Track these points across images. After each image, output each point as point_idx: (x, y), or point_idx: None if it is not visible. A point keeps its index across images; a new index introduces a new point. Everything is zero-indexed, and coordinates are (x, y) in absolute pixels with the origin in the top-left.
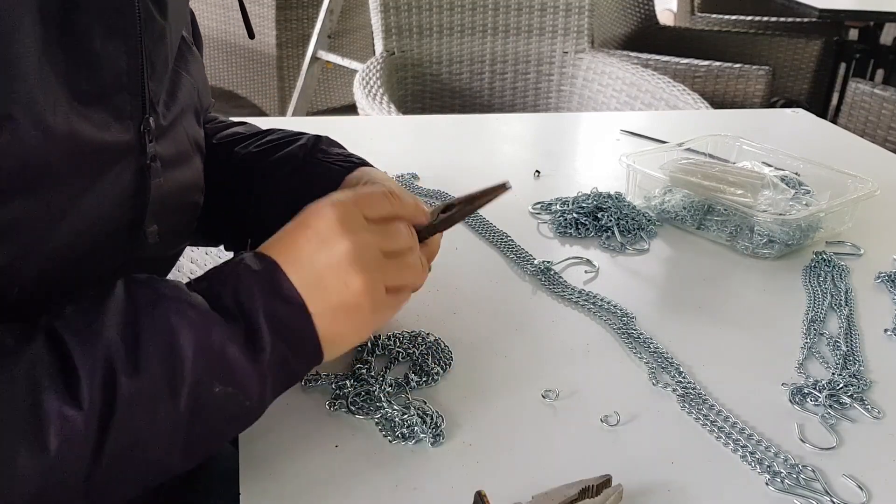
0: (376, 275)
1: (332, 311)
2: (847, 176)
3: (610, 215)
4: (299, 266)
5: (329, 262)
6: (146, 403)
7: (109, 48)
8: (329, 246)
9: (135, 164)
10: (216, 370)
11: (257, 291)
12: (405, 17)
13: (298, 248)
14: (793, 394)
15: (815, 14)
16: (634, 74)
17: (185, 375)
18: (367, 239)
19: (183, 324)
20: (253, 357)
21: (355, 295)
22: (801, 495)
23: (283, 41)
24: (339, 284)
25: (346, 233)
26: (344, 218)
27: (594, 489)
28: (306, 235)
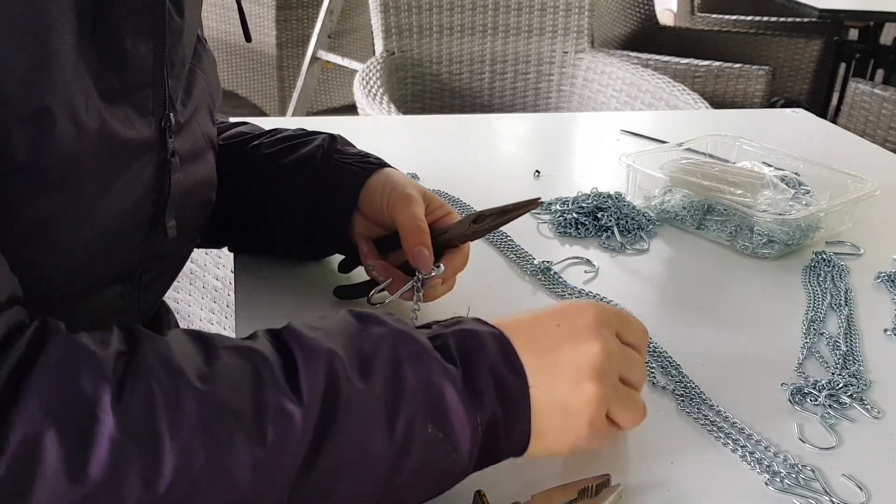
0: (609, 392)
1: (551, 403)
2: (847, 176)
3: (610, 215)
4: (538, 346)
5: (572, 358)
6: (365, 418)
7: (140, 46)
8: (580, 342)
9: (156, 159)
10: (432, 409)
11: (488, 347)
12: (405, 17)
13: (544, 330)
14: (792, 393)
15: (815, 14)
16: (634, 74)
17: (405, 403)
18: (615, 355)
19: (407, 353)
20: (470, 407)
21: (582, 401)
22: (800, 495)
23: (283, 41)
24: (571, 382)
25: (601, 338)
26: (603, 324)
27: (593, 489)
28: (558, 323)
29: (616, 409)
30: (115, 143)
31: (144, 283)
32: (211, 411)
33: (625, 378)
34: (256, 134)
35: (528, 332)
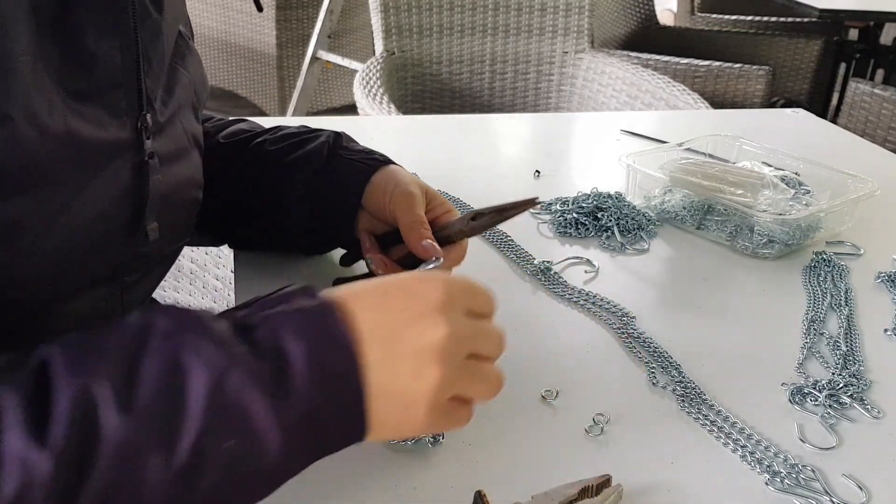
0: (453, 376)
1: (388, 392)
2: (847, 176)
3: (610, 215)
4: (380, 332)
5: (414, 344)
6: (134, 451)
7: (104, 46)
8: (423, 326)
9: (132, 160)
10: (229, 421)
11: (302, 326)
12: (405, 17)
13: (387, 313)
14: (792, 393)
15: (815, 14)
16: (634, 74)
17: (188, 424)
18: (462, 335)
19: (196, 362)
20: (276, 405)
21: (422, 389)
22: (800, 495)
23: (283, 41)
24: (412, 371)
25: (446, 321)
26: (450, 302)
27: (594, 489)
28: (402, 306)
29: (465, 387)
30: (84, 145)
31: (129, 284)
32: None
33: (476, 353)
34: (259, 131)
35: (372, 316)
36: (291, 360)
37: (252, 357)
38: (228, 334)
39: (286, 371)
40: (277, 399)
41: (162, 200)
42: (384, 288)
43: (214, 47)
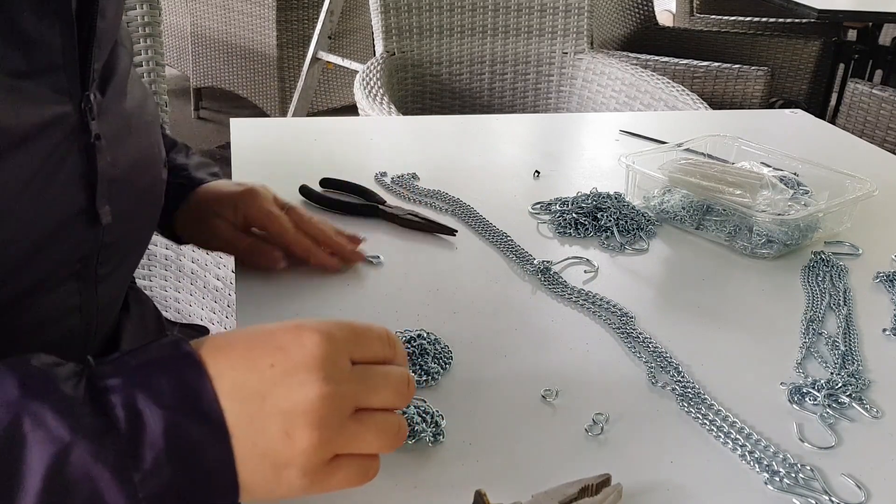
0: (331, 436)
1: (255, 455)
2: (845, 176)
3: (609, 215)
4: (244, 391)
5: (281, 406)
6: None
7: (41, 28)
8: (293, 386)
9: (79, 142)
10: (73, 496)
11: (165, 395)
12: (405, 17)
13: (255, 371)
14: (791, 393)
15: (814, 15)
16: (634, 75)
17: (26, 499)
18: (342, 391)
19: (37, 436)
20: (126, 481)
21: (293, 452)
22: (800, 494)
23: (283, 42)
24: (279, 433)
25: (319, 380)
26: (328, 357)
27: (594, 488)
28: (272, 362)
29: (351, 445)
30: (24, 128)
31: (100, 276)
32: None
33: (365, 405)
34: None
35: (237, 373)
36: (147, 431)
37: (101, 428)
38: (79, 401)
39: (140, 442)
40: (128, 474)
41: (115, 183)
42: (253, 341)
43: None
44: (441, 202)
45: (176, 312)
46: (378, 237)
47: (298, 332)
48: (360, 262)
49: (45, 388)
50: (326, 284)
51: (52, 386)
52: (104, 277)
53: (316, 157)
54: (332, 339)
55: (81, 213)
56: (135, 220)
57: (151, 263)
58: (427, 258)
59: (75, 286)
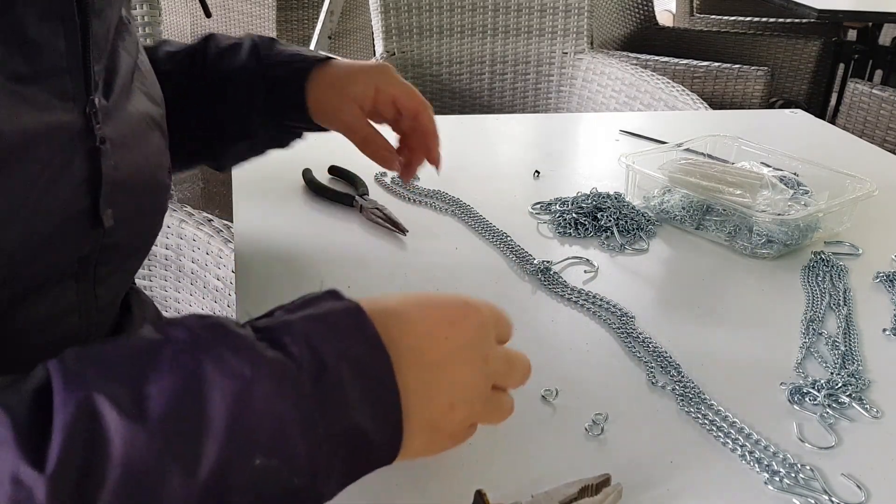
0: (478, 409)
1: (421, 423)
2: (845, 176)
3: (609, 215)
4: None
5: (453, 379)
6: (148, 471)
7: (45, 31)
8: (464, 362)
9: (83, 147)
10: (257, 436)
11: (335, 333)
12: (405, 17)
13: (432, 343)
14: (791, 393)
15: (814, 15)
16: (634, 75)
17: (211, 439)
18: (494, 370)
19: (217, 372)
20: (310, 417)
21: (452, 422)
22: (799, 494)
23: None
24: (446, 405)
25: (482, 357)
26: (486, 336)
27: (594, 488)
28: (446, 335)
29: (483, 417)
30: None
31: (101, 277)
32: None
33: (502, 384)
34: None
35: (414, 342)
36: (328, 367)
37: (283, 363)
38: (253, 339)
39: (321, 378)
40: (310, 410)
41: (118, 186)
42: (426, 313)
43: None
44: (441, 202)
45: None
46: (378, 237)
47: (465, 310)
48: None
49: (217, 332)
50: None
51: (224, 329)
52: (103, 278)
53: (316, 157)
54: (488, 318)
55: (84, 215)
56: (137, 223)
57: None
58: (428, 258)
59: (74, 286)
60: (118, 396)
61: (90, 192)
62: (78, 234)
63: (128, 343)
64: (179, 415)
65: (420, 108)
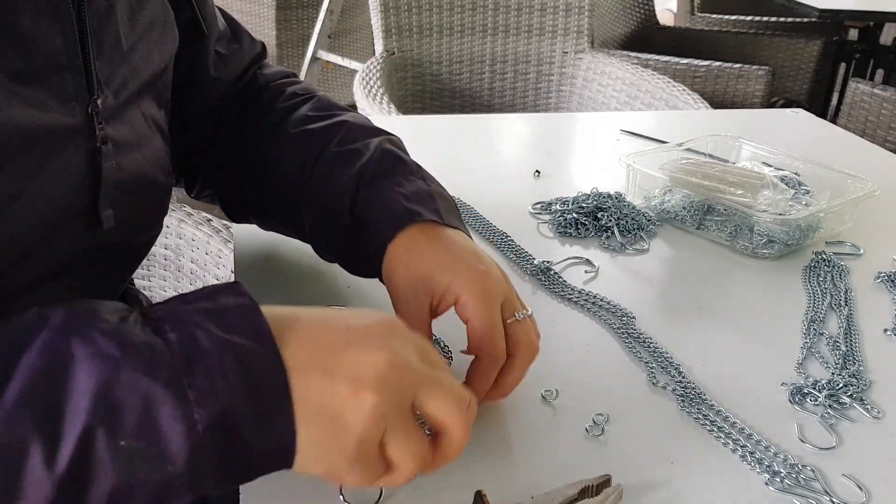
0: (388, 412)
1: (319, 407)
2: (847, 176)
3: (610, 215)
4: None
5: (356, 362)
6: (8, 449)
7: (41, 26)
8: (370, 347)
9: (84, 147)
10: (123, 417)
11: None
12: (405, 17)
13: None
14: (792, 393)
15: (815, 14)
16: (634, 74)
17: (73, 418)
18: (413, 369)
19: (84, 353)
20: (182, 400)
21: (357, 411)
22: (800, 495)
23: (283, 41)
24: (348, 389)
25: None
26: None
27: (594, 489)
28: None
29: (391, 437)
30: (27, 131)
31: (95, 275)
32: None
33: (420, 405)
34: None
35: (313, 325)
36: (203, 352)
37: (154, 347)
38: (129, 324)
39: (196, 362)
40: (183, 393)
41: (119, 187)
42: (325, 313)
43: None
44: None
45: None
46: None
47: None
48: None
49: (94, 315)
50: (327, 286)
51: (100, 314)
52: (100, 277)
53: None
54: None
55: (82, 214)
56: (137, 223)
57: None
58: None
59: (67, 283)
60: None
61: (90, 191)
62: (76, 232)
63: (8, 324)
64: (41, 393)
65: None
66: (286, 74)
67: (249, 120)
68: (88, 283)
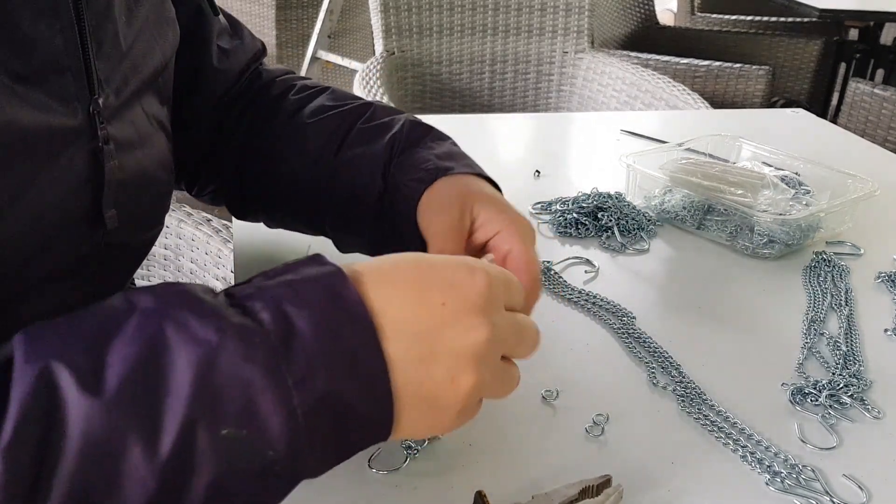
0: (486, 380)
1: (418, 396)
2: (847, 176)
3: (610, 215)
4: (414, 328)
5: (452, 347)
6: (107, 442)
7: (41, 27)
8: (465, 327)
9: (86, 147)
10: (224, 404)
11: (312, 300)
12: (405, 17)
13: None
14: (793, 394)
15: (816, 14)
16: (634, 74)
17: (173, 408)
18: (502, 338)
19: (180, 338)
20: (281, 384)
21: (455, 395)
22: (800, 495)
23: (283, 41)
24: (446, 376)
25: (488, 323)
26: (494, 299)
27: (594, 489)
28: (443, 301)
29: (489, 391)
30: (29, 132)
31: (99, 276)
32: None
33: (510, 354)
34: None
35: (406, 308)
36: (298, 332)
37: (249, 329)
38: (221, 305)
39: (292, 344)
40: (281, 376)
41: (121, 187)
42: (420, 274)
43: None
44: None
45: None
46: None
47: (470, 270)
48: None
49: (184, 298)
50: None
51: (191, 295)
52: (104, 277)
53: None
54: (497, 282)
55: (85, 215)
56: (139, 223)
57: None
58: None
59: (70, 284)
60: (78, 366)
61: (92, 192)
62: (79, 233)
63: (94, 312)
64: (140, 383)
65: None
66: (288, 71)
67: (259, 113)
68: (93, 284)
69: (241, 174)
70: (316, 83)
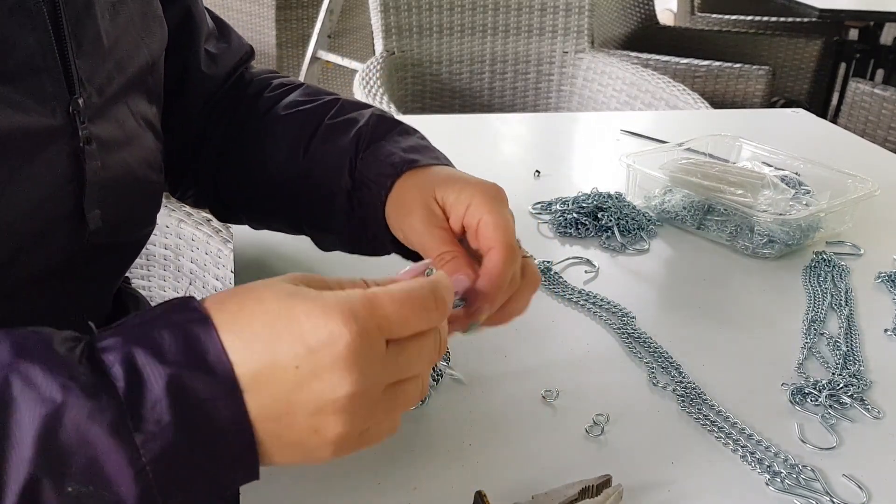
0: (361, 423)
1: (284, 444)
2: (847, 176)
3: (610, 215)
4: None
5: (310, 406)
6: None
7: (12, 26)
8: (323, 384)
9: (67, 147)
10: (70, 463)
11: (167, 350)
12: (405, 16)
13: (280, 375)
14: (793, 394)
15: (816, 14)
16: (634, 74)
17: (17, 467)
18: (376, 382)
19: (27, 396)
20: (125, 441)
21: (323, 442)
22: (801, 495)
23: (282, 41)
24: (307, 428)
25: (355, 380)
26: (362, 354)
27: (594, 489)
28: (297, 364)
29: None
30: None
31: (87, 275)
32: None
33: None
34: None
35: (261, 364)
36: (148, 388)
37: (97, 386)
38: (73, 360)
39: (140, 401)
40: (127, 434)
41: (106, 187)
42: (275, 324)
43: None
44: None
45: None
46: None
47: (326, 322)
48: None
49: (38, 349)
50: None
51: (45, 347)
52: (91, 277)
53: None
54: (365, 330)
55: (68, 216)
56: (128, 222)
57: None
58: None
59: (59, 284)
60: None
61: (74, 193)
62: (63, 234)
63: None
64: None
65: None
66: (269, 71)
67: (235, 115)
68: (81, 284)
69: (216, 177)
70: (291, 80)
